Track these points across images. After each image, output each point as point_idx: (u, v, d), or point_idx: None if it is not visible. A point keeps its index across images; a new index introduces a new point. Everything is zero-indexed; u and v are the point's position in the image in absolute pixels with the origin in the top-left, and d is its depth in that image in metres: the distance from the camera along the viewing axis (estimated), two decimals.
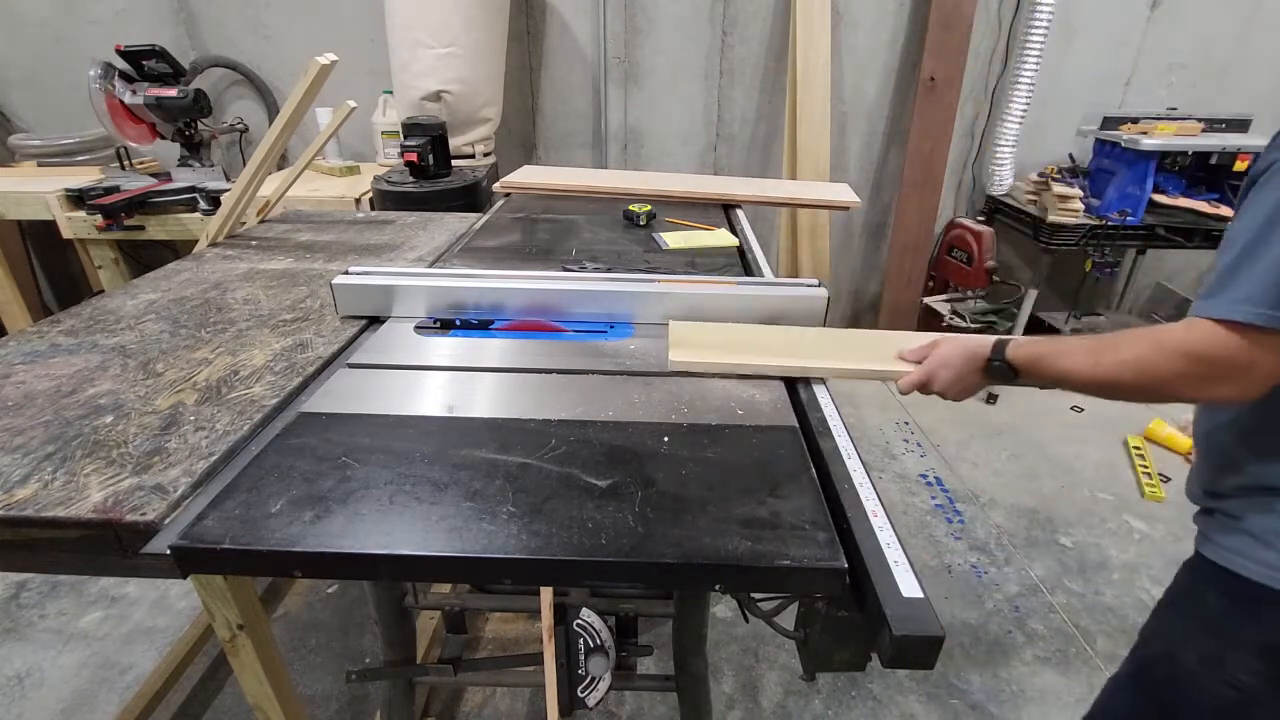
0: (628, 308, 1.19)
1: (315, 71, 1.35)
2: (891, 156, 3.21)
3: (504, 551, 0.65)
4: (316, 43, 2.93)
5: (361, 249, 1.65)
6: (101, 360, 1.03)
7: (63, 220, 2.29)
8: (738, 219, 1.91)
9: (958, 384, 0.92)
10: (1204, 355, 0.68)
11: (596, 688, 1.06)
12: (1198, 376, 0.69)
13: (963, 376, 0.91)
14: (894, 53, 3.00)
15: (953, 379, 0.92)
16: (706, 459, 0.80)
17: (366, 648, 1.82)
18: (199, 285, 1.38)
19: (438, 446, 0.81)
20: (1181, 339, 0.69)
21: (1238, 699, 0.79)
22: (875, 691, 1.73)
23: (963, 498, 2.45)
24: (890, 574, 0.64)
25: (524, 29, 2.98)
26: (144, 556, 0.68)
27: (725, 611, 1.95)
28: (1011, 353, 0.86)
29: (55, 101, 3.03)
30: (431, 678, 1.32)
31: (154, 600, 1.94)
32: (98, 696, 1.67)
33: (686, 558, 0.65)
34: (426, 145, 2.29)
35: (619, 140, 3.20)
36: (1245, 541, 0.77)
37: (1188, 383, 0.70)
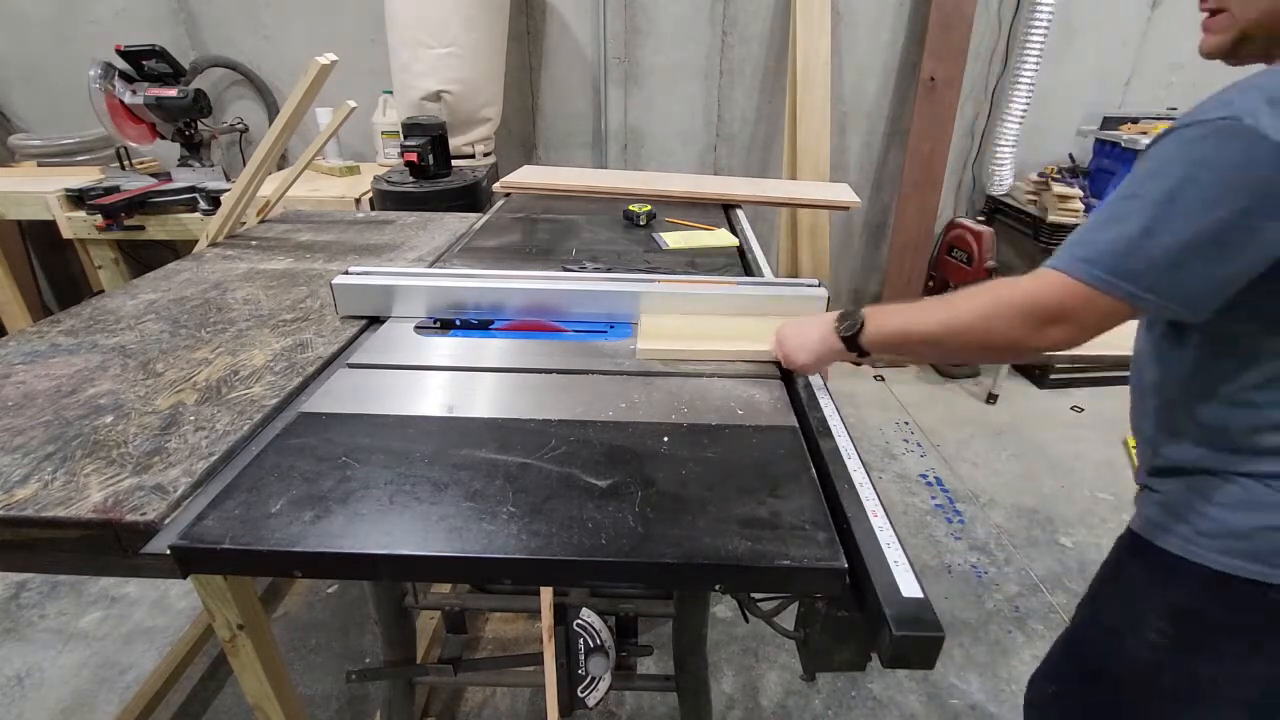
0: (628, 308, 1.19)
1: (315, 71, 1.35)
2: (891, 156, 3.21)
3: (504, 551, 0.65)
4: (316, 43, 2.93)
5: (361, 249, 1.65)
6: (101, 360, 1.03)
7: (63, 220, 2.29)
8: (738, 219, 1.91)
9: (813, 358, 0.97)
10: (1041, 301, 0.73)
11: (596, 688, 1.06)
12: (1035, 320, 0.74)
13: (816, 351, 0.96)
14: (894, 53, 3.00)
15: (809, 353, 0.97)
16: (706, 459, 0.80)
17: (366, 648, 1.82)
18: (199, 285, 1.38)
19: (438, 446, 0.81)
20: (1026, 287, 0.75)
21: (1152, 660, 0.84)
22: (875, 691, 1.73)
23: (963, 498, 2.45)
24: (890, 574, 0.64)
25: (524, 29, 2.98)
26: (144, 556, 0.68)
27: (725, 611, 1.95)
28: (868, 332, 0.90)
29: (55, 101, 3.03)
30: (431, 678, 1.32)
31: (154, 600, 1.94)
32: (98, 696, 1.66)
33: (686, 558, 0.65)
34: (426, 145, 2.29)
35: (619, 140, 3.20)
36: (1163, 514, 0.83)
37: (1023, 326, 0.75)
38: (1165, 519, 0.82)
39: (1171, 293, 0.68)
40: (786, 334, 1.01)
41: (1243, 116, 0.62)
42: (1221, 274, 0.67)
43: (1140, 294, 0.68)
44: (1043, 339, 0.74)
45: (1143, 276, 0.68)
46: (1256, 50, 0.73)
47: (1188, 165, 0.66)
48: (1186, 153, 0.66)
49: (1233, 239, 0.65)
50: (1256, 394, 0.73)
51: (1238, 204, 0.64)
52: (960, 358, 0.87)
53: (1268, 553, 0.74)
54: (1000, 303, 0.76)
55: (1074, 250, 0.72)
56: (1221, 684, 0.80)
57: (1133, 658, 0.85)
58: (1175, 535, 0.80)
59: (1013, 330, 0.75)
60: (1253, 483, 0.75)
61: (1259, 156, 0.62)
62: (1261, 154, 0.62)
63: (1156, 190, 0.67)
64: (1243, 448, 0.75)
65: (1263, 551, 0.74)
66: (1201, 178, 0.65)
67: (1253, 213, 0.64)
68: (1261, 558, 0.74)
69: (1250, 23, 0.71)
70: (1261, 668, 0.78)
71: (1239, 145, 0.63)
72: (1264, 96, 0.63)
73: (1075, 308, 0.71)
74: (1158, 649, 0.83)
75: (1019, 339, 0.76)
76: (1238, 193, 0.64)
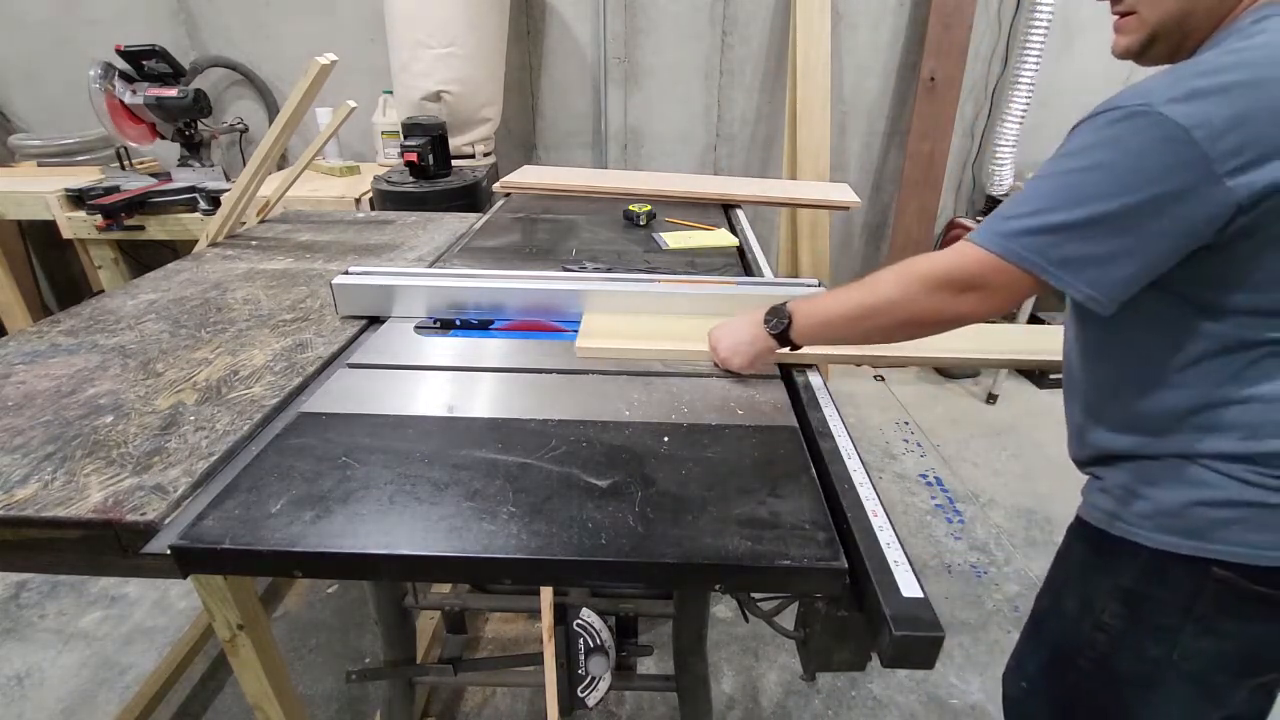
0: None
1: (315, 71, 1.35)
2: (891, 156, 3.21)
3: (504, 551, 0.65)
4: (316, 43, 2.93)
5: (361, 249, 1.65)
6: (101, 360, 1.03)
7: (63, 220, 2.29)
8: (738, 219, 1.91)
9: (749, 359, 0.99)
10: (956, 271, 0.77)
11: (596, 688, 1.06)
12: (950, 288, 0.77)
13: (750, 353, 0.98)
14: (894, 53, 3.00)
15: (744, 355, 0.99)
16: (706, 459, 0.80)
17: (366, 648, 1.82)
18: (199, 285, 1.38)
19: (438, 446, 0.81)
20: (943, 258, 0.78)
21: (1108, 641, 0.85)
22: (875, 691, 1.72)
23: (963, 498, 2.45)
24: (890, 574, 0.64)
25: (524, 29, 2.98)
26: (144, 556, 0.68)
27: (725, 611, 1.95)
28: (796, 326, 0.92)
29: (55, 101, 3.03)
30: (431, 678, 1.32)
31: (154, 600, 1.94)
32: (98, 696, 1.66)
33: (686, 558, 0.65)
34: (426, 145, 2.29)
35: (619, 140, 3.20)
36: (1104, 499, 0.84)
37: (939, 294, 0.78)
38: (1106, 503, 0.83)
39: (1077, 273, 0.70)
40: (719, 337, 1.03)
41: (1155, 104, 0.64)
42: (1127, 258, 0.69)
43: (1048, 269, 0.71)
44: (958, 306, 0.77)
45: (1049, 252, 0.70)
46: (1164, 52, 0.76)
47: (1100, 149, 0.68)
48: (1101, 137, 0.68)
49: (1138, 223, 0.67)
50: (1182, 375, 0.75)
51: (1146, 189, 0.65)
52: (885, 335, 0.87)
53: (1202, 528, 0.75)
54: (917, 275, 0.79)
55: (991, 224, 0.75)
56: (1176, 663, 0.80)
57: (1090, 642, 0.86)
58: (1116, 518, 0.82)
59: (930, 299, 0.79)
60: (1183, 462, 0.76)
61: (1169, 142, 0.63)
62: (1171, 140, 0.63)
63: (1071, 172, 0.70)
64: (1172, 428, 0.77)
65: (1197, 528, 0.75)
66: (1112, 161, 0.67)
67: (1160, 198, 0.65)
68: (1196, 534, 0.75)
69: (1159, 24, 0.74)
70: (1211, 644, 0.78)
71: (1150, 131, 0.64)
72: (1177, 84, 0.64)
73: (987, 277, 0.75)
74: (1112, 633, 0.84)
75: (936, 307, 0.79)
76: (1146, 177, 0.65)
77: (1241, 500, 0.73)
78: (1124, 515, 0.81)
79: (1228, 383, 0.73)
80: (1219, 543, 0.74)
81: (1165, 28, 0.74)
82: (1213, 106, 0.63)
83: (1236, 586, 0.74)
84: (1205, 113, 0.63)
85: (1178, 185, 0.64)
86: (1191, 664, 0.80)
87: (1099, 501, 0.85)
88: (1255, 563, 0.73)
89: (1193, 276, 0.70)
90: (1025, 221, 0.72)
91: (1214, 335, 0.72)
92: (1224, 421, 0.73)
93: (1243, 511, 0.73)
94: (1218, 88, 0.63)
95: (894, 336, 0.86)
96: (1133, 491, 0.80)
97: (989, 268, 0.74)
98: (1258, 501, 0.72)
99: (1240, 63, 0.64)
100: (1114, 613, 0.83)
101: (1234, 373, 0.72)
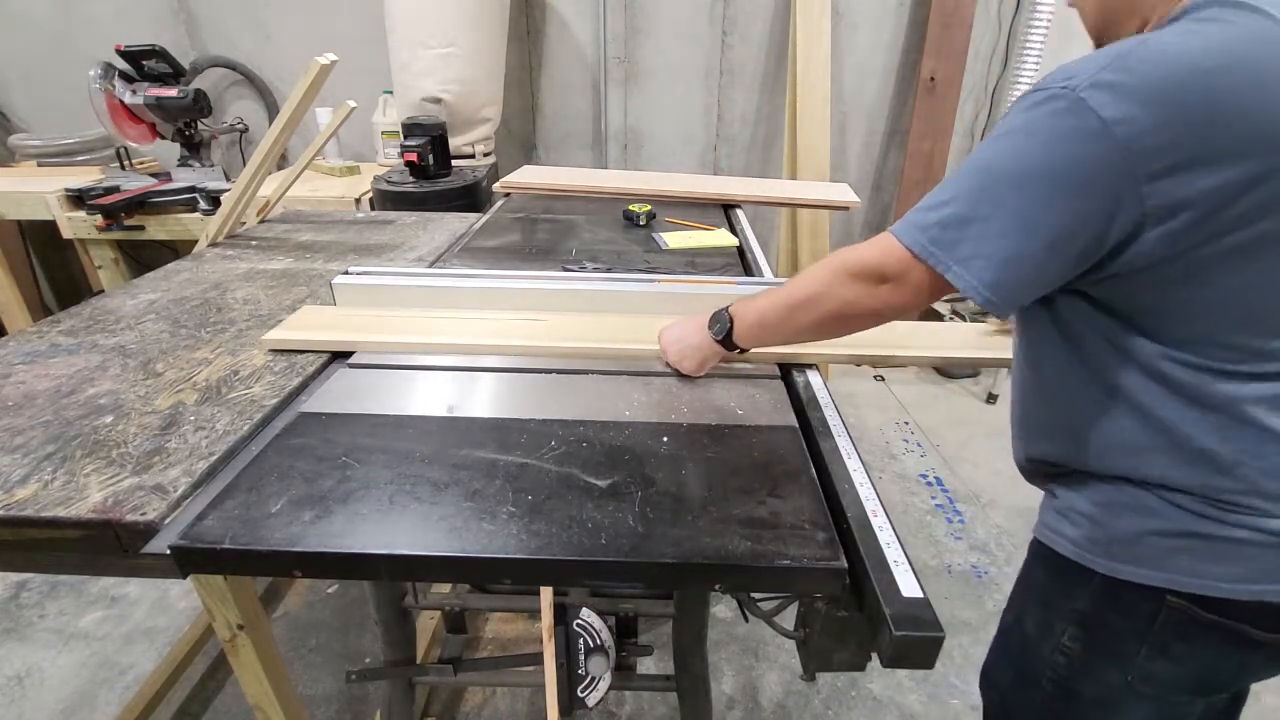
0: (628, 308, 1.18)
1: (315, 71, 1.35)
2: (891, 156, 3.21)
3: (504, 551, 0.65)
4: (316, 43, 2.93)
5: (361, 249, 1.65)
6: (101, 360, 1.03)
7: (63, 220, 2.29)
8: (738, 219, 1.91)
9: (699, 361, 0.99)
10: (871, 261, 0.74)
11: (596, 688, 1.06)
12: (866, 279, 0.75)
13: (698, 355, 0.98)
14: (894, 53, 3.00)
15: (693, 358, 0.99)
16: (706, 459, 0.80)
17: (366, 648, 1.82)
18: (199, 285, 1.38)
19: (438, 446, 0.81)
20: (862, 249, 0.76)
21: (1068, 664, 0.83)
22: (875, 691, 1.72)
23: (963, 498, 2.45)
24: (890, 574, 0.64)
25: (524, 29, 2.98)
26: (144, 556, 0.68)
27: (725, 611, 1.95)
28: (736, 331, 0.92)
29: (55, 101, 3.03)
30: (431, 678, 1.31)
31: (154, 600, 1.94)
32: (98, 696, 1.66)
33: (686, 558, 0.65)
34: (426, 145, 2.29)
35: (619, 140, 3.19)
36: (1058, 521, 0.82)
37: (857, 285, 0.76)
38: (1061, 526, 0.81)
39: (977, 271, 0.66)
40: (668, 341, 1.02)
41: (1077, 88, 0.59)
42: (1031, 259, 0.64)
43: (950, 265, 0.67)
44: (876, 298, 0.75)
45: (952, 248, 0.67)
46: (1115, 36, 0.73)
47: (1017, 134, 0.63)
48: (1020, 121, 0.64)
49: (1046, 219, 0.62)
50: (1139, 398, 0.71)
51: (1054, 181, 0.61)
52: (816, 330, 0.85)
53: (1155, 557, 0.73)
54: (839, 265, 0.78)
55: (910, 214, 0.72)
56: (1134, 686, 0.79)
57: (1051, 664, 0.85)
58: (1070, 542, 0.79)
59: (849, 289, 0.76)
60: (1135, 489, 0.73)
61: (1083, 131, 0.59)
62: (1085, 128, 0.59)
63: (984, 158, 0.66)
64: (1126, 453, 0.73)
65: (1150, 556, 0.73)
66: (1025, 149, 0.63)
67: (1069, 193, 0.61)
68: (1150, 562, 0.73)
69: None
70: (1166, 667, 0.77)
71: (1067, 118, 0.60)
72: (1101, 69, 0.59)
73: (900, 270, 0.72)
74: (1071, 656, 0.82)
75: (856, 298, 0.76)
76: (1055, 168, 0.61)
77: (1194, 531, 0.70)
78: (1078, 540, 0.79)
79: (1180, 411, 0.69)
80: (1172, 572, 0.72)
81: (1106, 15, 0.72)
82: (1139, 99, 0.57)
83: (1190, 614, 0.73)
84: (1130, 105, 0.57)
85: (1085, 180, 0.60)
86: (1148, 687, 0.79)
87: (1054, 523, 0.82)
88: (1207, 593, 0.71)
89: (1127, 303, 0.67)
90: (935, 214, 0.68)
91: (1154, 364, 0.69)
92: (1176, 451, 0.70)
93: (1194, 542, 0.71)
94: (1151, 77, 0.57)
95: (825, 331, 0.84)
96: (1087, 516, 0.78)
97: (902, 261, 0.71)
98: (1209, 534, 0.70)
99: (1185, 50, 0.58)
100: (1072, 636, 0.82)
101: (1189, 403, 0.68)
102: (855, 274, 0.76)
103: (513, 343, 1.07)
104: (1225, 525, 0.69)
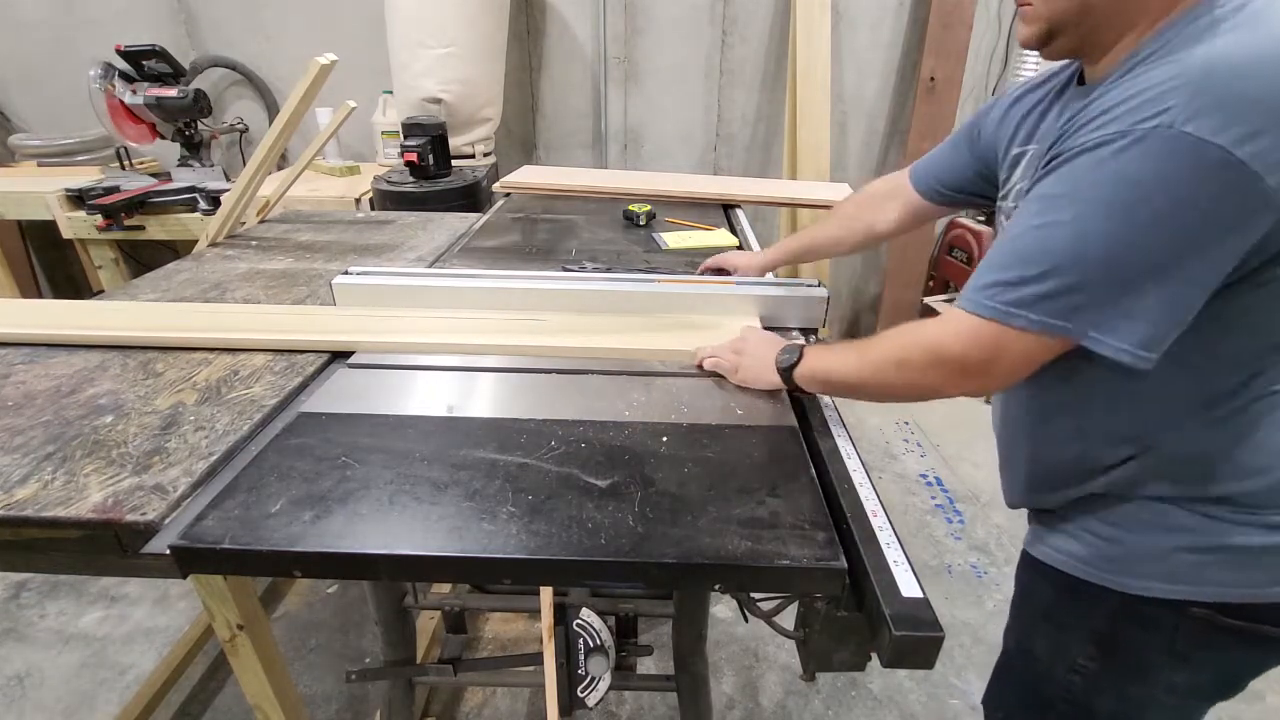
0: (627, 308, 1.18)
1: (315, 71, 1.35)
2: (891, 156, 3.21)
3: (504, 551, 0.65)
4: (316, 43, 2.92)
5: (361, 249, 1.65)
6: (101, 360, 1.03)
7: (63, 220, 2.29)
8: (738, 219, 1.91)
9: (757, 379, 0.95)
10: (949, 349, 0.68)
11: (596, 688, 1.06)
12: (947, 371, 0.70)
13: (761, 375, 0.94)
14: (894, 53, 3.00)
15: (756, 373, 0.95)
16: (706, 459, 0.80)
17: (366, 648, 1.82)
18: (199, 285, 1.38)
19: (437, 446, 0.81)
20: (932, 333, 0.71)
21: (1084, 684, 0.82)
22: (875, 691, 1.72)
23: (963, 498, 2.45)
24: (890, 574, 0.64)
25: (524, 29, 2.98)
26: (144, 556, 0.68)
27: (725, 611, 1.95)
28: (799, 370, 0.88)
29: (55, 101, 3.03)
30: (431, 678, 1.32)
31: (154, 600, 1.94)
32: (98, 696, 1.66)
33: (686, 558, 0.65)
34: (426, 145, 2.29)
35: (619, 140, 3.19)
36: (1060, 539, 0.81)
37: (940, 377, 0.71)
38: (1071, 547, 0.80)
39: (1124, 332, 0.61)
40: (748, 347, 0.97)
41: (1174, 123, 0.55)
42: (1174, 305, 0.60)
43: (1086, 332, 0.62)
44: (957, 386, 0.71)
45: (1074, 315, 0.61)
46: (1069, 45, 0.69)
47: (1121, 186, 0.58)
48: (1108, 170, 0.58)
49: (1182, 261, 0.58)
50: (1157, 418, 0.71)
51: (1183, 222, 0.57)
52: (888, 400, 0.84)
53: (1181, 572, 0.72)
54: (912, 349, 0.72)
55: (990, 292, 0.65)
56: (1157, 698, 0.80)
57: (1066, 685, 0.84)
58: (1081, 562, 0.78)
59: (926, 377, 0.72)
60: (1166, 505, 0.73)
61: (1203, 165, 0.54)
62: (1204, 162, 0.54)
63: (1084, 218, 0.60)
64: (1150, 473, 0.73)
65: (1176, 571, 0.73)
66: (1137, 198, 0.57)
67: (1210, 231, 0.57)
68: (1175, 577, 0.73)
69: (1054, 17, 0.67)
70: (1187, 676, 0.78)
71: (1176, 157, 0.55)
72: (1191, 97, 0.55)
73: (990, 356, 0.66)
74: (1088, 675, 0.82)
75: (936, 385, 0.72)
76: (1185, 210, 0.56)
77: (1223, 545, 0.71)
78: (1090, 559, 0.78)
79: (1215, 427, 0.69)
80: (1201, 584, 0.72)
81: (1062, 21, 0.66)
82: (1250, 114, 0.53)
83: (1213, 622, 0.73)
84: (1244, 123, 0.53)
85: (1222, 216, 0.56)
86: (1171, 697, 0.79)
87: (1060, 544, 0.81)
88: (1230, 600, 0.72)
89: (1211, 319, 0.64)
90: (1033, 288, 0.62)
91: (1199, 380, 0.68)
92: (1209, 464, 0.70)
93: (1223, 555, 0.71)
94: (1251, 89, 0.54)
95: (902, 401, 0.83)
96: (1100, 535, 0.77)
97: (989, 343, 0.65)
98: (1238, 545, 0.70)
99: (1262, 54, 0.55)
100: (1089, 655, 0.81)
101: (1223, 417, 0.69)
102: (938, 362, 0.70)
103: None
104: (1254, 531, 0.69)
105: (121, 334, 1.08)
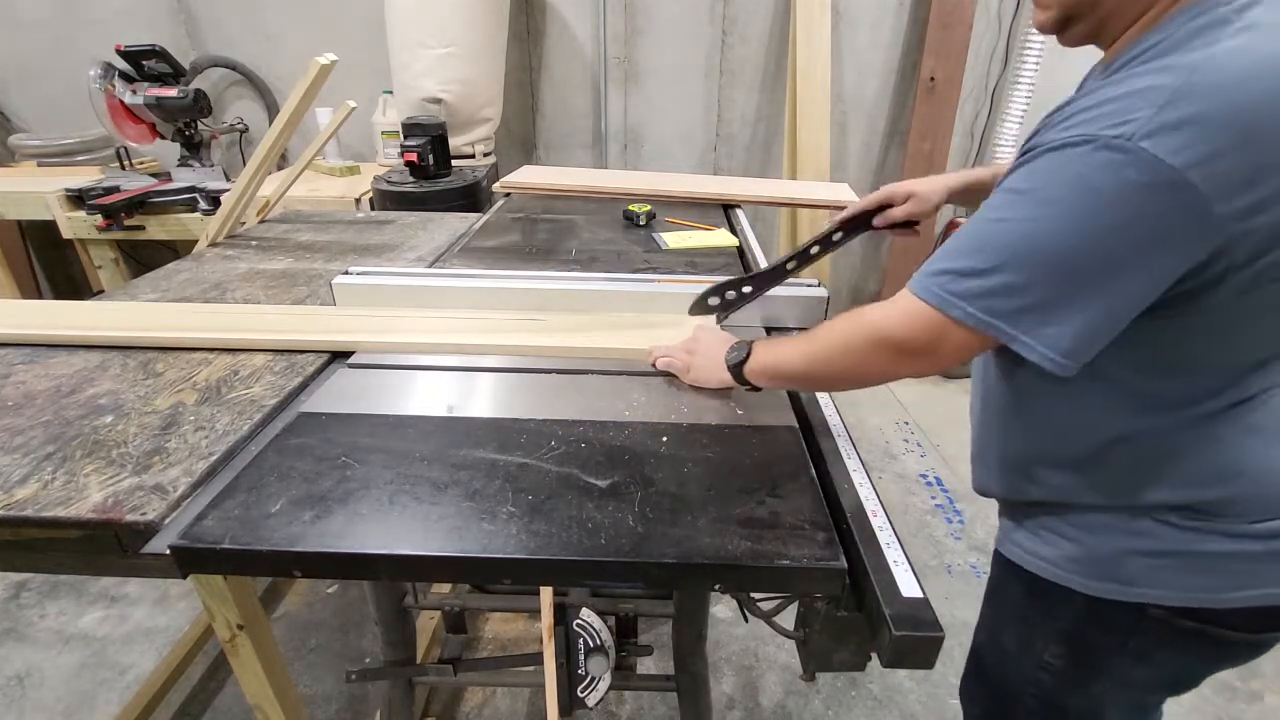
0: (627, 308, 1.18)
1: (315, 71, 1.35)
2: (891, 156, 3.21)
3: (504, 551, 0.65)
4: (316, 43, 2.93)
5: (361, 249, 1.65)
6: (101, 360, 1.03)
7: (63, 220, 2.29)
8: (738, 219, 1.91)
9: (709, 378, 0.95)
10: (902, 334, 0.69)
11: (596, 688, 1.06)
12: (895, 350, 0.71)
13: (713, 374, 0.94)
14: (894, 53, 3.00)
15: (707, 373, 0.95)
16: (706, 459, 0.80)
17: (366, 648, 1.82)
18: (199, 285, 1.38)
19: (437, 446, 0.81)
20: (876, 316, 0.72)
21: (1051, 681, 0.84)
22: (875, 691, 1.72)
23: (963, 498, 2.45)
24: (890, 574, 0.64)
25: (524, 29, 2.98)
26: (144, 556, 0.68)
27: (725, 611, 1.95)
28: (749, 366, 0.89)
29: (55, 101, 3.03)
30: (431, 678, 1.32)
31: (154, 600, 1.94)
32: (98, 696, 1.66)
33: (686, 557, 0.65)
34: (426, 145, 2.29)
35: (619, 140, 3.20)
36: (1028, 539, 0.82)
37: (887, 356, 0.72)
38: (1036, 546, 0.81)
39: (1049, 340, 0.61)
40: (699, 347, 0.97)
41: (1134, 136, 0.54)
42: (1110, 315, 0.61)
43: (1015, 336, 0.62)
44: (906, 368, 0.72)
45: (1014, 319, 0.62)
46: (1085, 31, 0.69)
47: (1071, 191, 0.58)
48: (1072, 175, 0.58)
49: (1121, 275, 0.58)
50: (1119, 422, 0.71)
51: (1130, 242, 0.57)
52: (839, 388, 0.85)
53: (1136, 576, 0.73)
54: (863, 336, 0.73)
55: (940, 279, 0.66)
56: (1117, 693, 0.82)
57: (1035, 681, 0.85)
58: (1048, 563, 0.80)
59: (874, 360, 0.73)
60: (1123, 513, 0.74)
61: (1154, 185, 0.54)
62: (1156, 182, 0.54)
63: (1035, 219, 0.60)
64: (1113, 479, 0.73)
65: (1131, 575, 0.74)
66: (1085, 208, 0.57)
67: (1151, 251, 0.57)
68: (1131, 580, 0.74)
69: (1070, 2, 0.66)
70: (1146, 672, 0.79)
71: (1128, 171, 0.54)
72: (1160, 109, 0.54)
73: (933, 340, 0.67)
74: (1055, 673, 0.83)
75: (883, 369, 0.73)
76: (1129, 228, 0.56)
77: (1178, 550, 0.71)
78: (1057, 560, 0.79)
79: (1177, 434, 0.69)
80: (1156, 587, 0.73)
81: (1078, 6, 0.66)
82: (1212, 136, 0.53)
83: (1169, 623, 0.74)
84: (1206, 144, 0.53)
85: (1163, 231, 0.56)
86: (1129, 691, 0.82)
87: (1029, 544, 0.82)
88: (1186, 604, 0.73)
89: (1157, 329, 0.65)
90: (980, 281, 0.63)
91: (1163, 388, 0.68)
92: (1167, 471, 0.70)
93: (1177, 560, 0.72)
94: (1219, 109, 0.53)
95: (848, 388, 0.83)
96: (1065, 537, 0.78)
97: (933, 328, 0.66)
98: (1196, 550, 0.71)
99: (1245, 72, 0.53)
100: (1055, 653, 0.82)
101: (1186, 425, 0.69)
102: (881, 344, 0.71)
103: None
104: (1211, 538, 0.70)
105: (121, 334, 1.08)
